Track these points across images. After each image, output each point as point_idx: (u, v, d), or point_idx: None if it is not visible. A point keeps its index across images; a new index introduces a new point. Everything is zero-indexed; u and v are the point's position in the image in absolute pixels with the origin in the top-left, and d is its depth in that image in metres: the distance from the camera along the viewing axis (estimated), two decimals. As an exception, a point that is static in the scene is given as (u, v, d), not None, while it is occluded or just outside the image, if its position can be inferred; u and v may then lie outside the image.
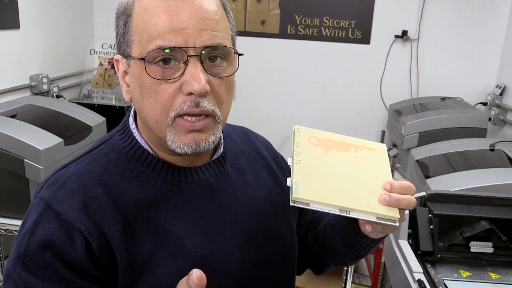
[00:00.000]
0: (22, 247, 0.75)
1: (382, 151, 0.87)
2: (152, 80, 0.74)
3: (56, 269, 0.73)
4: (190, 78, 0.73)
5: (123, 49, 0.79)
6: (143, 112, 0.78)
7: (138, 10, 0.76)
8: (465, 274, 1.51)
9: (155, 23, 0.73)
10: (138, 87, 0.77)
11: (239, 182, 0.90)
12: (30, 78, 2.90)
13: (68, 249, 0.73)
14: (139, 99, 0.78)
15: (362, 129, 3.63)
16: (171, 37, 0.72)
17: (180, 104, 0.74)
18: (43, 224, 0.75)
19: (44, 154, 2.02)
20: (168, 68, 0.74)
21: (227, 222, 0.85)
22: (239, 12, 3.59)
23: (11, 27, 2.71)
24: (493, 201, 1.64)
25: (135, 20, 0.76)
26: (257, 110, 3.76)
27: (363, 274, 2.82)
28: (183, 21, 0.73)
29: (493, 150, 2.35)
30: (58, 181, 0.79)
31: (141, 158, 0.82)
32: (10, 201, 2.08)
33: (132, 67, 0.78)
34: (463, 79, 3.48)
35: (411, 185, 0.78)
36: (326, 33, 3.55)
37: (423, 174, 2.27)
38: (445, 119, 2.86)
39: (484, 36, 3.40)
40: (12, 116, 2.28)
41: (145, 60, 0.74)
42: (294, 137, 0.84)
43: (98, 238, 0.74)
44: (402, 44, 3.49)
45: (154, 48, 0.73)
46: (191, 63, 0.74)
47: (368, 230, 0.80)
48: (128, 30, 0.77)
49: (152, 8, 0.74)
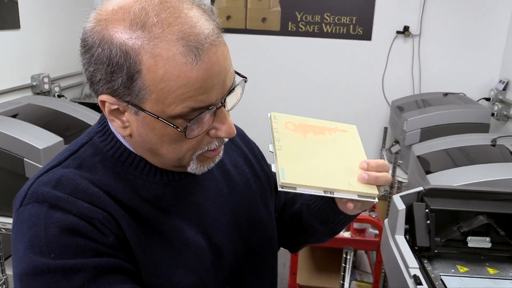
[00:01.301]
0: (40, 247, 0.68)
1: (354, 132, 0.93)
2: (181, 134, 0.72)
3: (91, 247, 0.69)
4: (223, 127, 0.75)
5: (121, 97, 0.71)
6: (159, 152, 0.77)
7: (154, 69, 0.67)
8: (463, 270, 1.49)
9: (184, 86, 0.68)
10: (155, 135, 0.74)
11: (220, 174, 0.92)
12: (31, 78, 2.92)
13: (97, 234, 0.70)
14: (154, 142, 0.75)
15: (364, 126, 3.61)
16: (204, 98, 0.70)
17: (207, 144, 0.77)
18: (56, 216, 0.69)
19: (44, 153, 2.03)
20: (194, 120, 0.72)
21: (217, 213, 0.87)
22: (239, 10, 3.59)
23: (11, 27, 2.73)
24: (491, 196, 1.62)
25: (150, 79, 0.68)
26: (258, 107, 3.75)
27: (364, 271, 2.81)
28: (213, 80, 0.70)
29: (495, 145, 2.33)
30: (48, 183, 0.74)
31: (127, 161, 0.80)
32: (10, 200, 2.07)
33: (146, 118, 0.72)
34: (465, 75, 3.46)
35: (386, 163, 0.85)
36: (327, 29, 3.54)
37: (424, 169, 2.25)
38: (447, 114, 2.84)
39: (487, 30, 3.37)
40: (13, 116, 2.30)
41: (187, 127, 0.71)
42: (272, 123, 0.87)
43: (115, 226, 0.73)
44: (403, 40, 3.47)
45: (186, 111, 0.69)
46: (219, 112, 0.74)
47: (350, 207, 0.84)
48: (137, 86, 0.69)
49: (177, 71, 0.67)
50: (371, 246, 2.60)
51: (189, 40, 0.67)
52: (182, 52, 0.67)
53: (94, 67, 0.70)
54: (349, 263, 1.70)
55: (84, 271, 0.68)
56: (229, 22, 3.63)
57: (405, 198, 1.63)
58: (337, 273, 2.18)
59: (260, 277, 0.96)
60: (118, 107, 0.73)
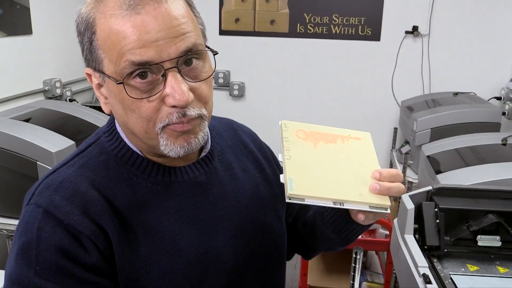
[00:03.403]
0: (30, 256, 0.72)
1: (368, 140, 0.89)
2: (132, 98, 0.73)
3: (74, 273, 0.72)
4: (172, 92, 0.72)
5: (93, 65, 0.76)
6: (129, 125, 0.77)
7: (102, 27, 0.73)
8: (473, 269, 1.49)
9: (123, 39, 0.70)
10: (119, 103, 0.76)
11: (227, 177, 0.91)
12: (44, 82, 2.97)
13: (81, 253, 0.73)
14: (122, 113, 0.77)
15: (374, 127, 3.61)
16: (142, 52, 0.70)
17: (167, 116, 0.74)
18: (47, 231, 0.73)
19: (56, 157, 2.06)
20: (146, 82, 0.72)
21: (218, 218, 0.86)
22: (248, 13, 3.61)
23: (23, 33, 2.78)
24: (501, 195, 1.61)
25: (100, 38, 0.73)
26: (267, 109, 3.77)
27: (375, 272, 2.80)
28: (152, 34, 0.70)
29: (506, 144, 2.31)
30: (51, 186, 0.77)
31: (130, 160, 0.81)
32: (22, 203, 2.13)
33: (108, 83, 0.76)
34: (476, 74, 3.44)
35: (399, 173, 0.81)
36: (336, 31, 3.55)
37: (434, 169, 2.25)
38: (458, 114, 2.82)
39: (497, 29, 3.35)
40: (26, 120, 2.34)
41: (123, 81, 0.72)
42: (282, 132, 0.84)
43: (103, 240, 0.75)
44: (413, 40, 3.47)
45: (127, 65, 0.71)
46: (169, 76, 0.72)
47: (361, 219, 0.81)
48: (95, 48, 0.74)
49: (117, 25, 0.71)
50: (381, 246, 2.59)
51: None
52: (120, 5, 0.71)
53: (79, 44, 0.78)
54: (359, 263, 1.70)
55: None
56: (238, 25, 3.65)
57: (414, 197, 1.63)
58: (348, 274, 2.19)
59: (265, 282, 0.94)
60: (99, 82, 0.78)
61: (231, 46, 3.70)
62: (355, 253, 1.69)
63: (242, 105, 3.84)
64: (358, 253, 1.69)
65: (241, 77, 3.78)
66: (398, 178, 0.80)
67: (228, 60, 3.73)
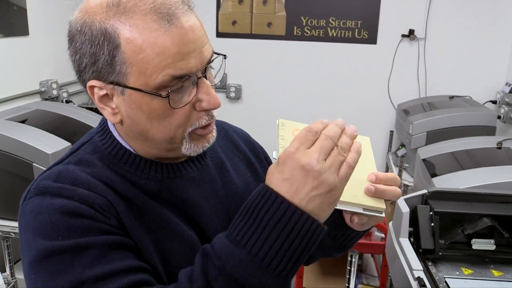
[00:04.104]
0: (48, 231, 0.70)
1: (366, 143, 0.87)
2: (166, 106, 0.74)
3: (99, 227, 0.72)
4: (207, 97, 0.76)
5: (109, 78, 0.74)
6: (150, 133, 0.78)
7: (132, 40, 0.71)
8: (467, 272, 1.50)
9: (162, 53, 0.71)
10: (144, 114, 0.75)
11: (219, 174, 0.92)
12: (40, 84, 2.96)
13: (100, 216, 0.73)
14: (144, 122, 0.77)
15: (371, 129, 3.61)
16: (183, 65, 0.72)
17: (197, 120, 0.77)
18: (59, 203, 0.71)
19: (52, 158, 2.06)
20: (180, 91, 0.74)
21: (211, 213, 0.87)
22: (245, 15, 3.61)
23: (20, 34, 2.78)
24: (495, 198, 1.62)
25: (129, 51, 0.71)
26: (264, 112, 3.77)
27: (371, 275, 2.81)
28: (189, 47, 0.72)
29: (501, 147, 2.33)
30: (49, 177, 0.77)
31: (123, 158, 0.83)
32: (19, 204, 2.12)
33: (131, 95, 0.75)
34: (471, 77, 3.45)
35: (396, 177, 0.80)
36: (333, 34, 3.56)
37: (429, 172, 2.26)
38: (453, 118, 2.84)
39: (493, 33, 3.37)
40: (22, 121, 2.34)
41: (169, 94, 0.73)
42: (279, 130, 0.83)
43: (114, 212, 0.75)
44: (409, 43, 3.48)
45: (167, 79, 0.71)
46: (201, 83, 0.75)
47: (355, 221, 0.81)
48: (119, 61, 0.72)
49: (153, 38, 0.70)
50: (377, 249, 2.59)
51: (160, 9, 0.71)
52: (155, 19, 0.71)
53: (79, 53, 0.74)
54: (354, 266, 1.71)
55: (93, 248, 0.70)
56: (235, 27, 3.66)
57: (409, 201, 1.64)
58: (343, 277, 2.19)
59: None
60: (106, 92, 0.76)
61: (228, 48, 3.69)
62: (350, 256, 1.69)
63: (239, 107, 3.84)
64: (354, 256, 1.70)
65: (238, 80, 3.79)
66: (395, 182, 0.79)
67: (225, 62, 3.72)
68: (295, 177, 0.65)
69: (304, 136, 0.68)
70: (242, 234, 0.66)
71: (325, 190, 0.65)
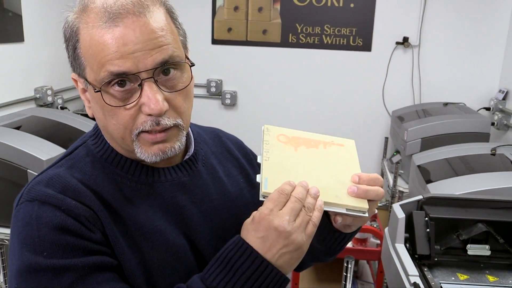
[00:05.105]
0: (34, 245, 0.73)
1: (351, 146, 0.89)
2: None
3: (83, 246, 0.73)
4: (148, 101, 0.75)
5: (77, 71, 0.80)
6: (108, 129, 0.80)
7: (84, 37, 0.76)
8: (463, 277, 1.50)
9: (102, 50, 0.74)
10: (99, 109, 0.79)
11: (211, 180, 0.92)
12: (35, 90, 2.96)
13: (85, 231, 0.75)
14: (102, 118, 0.80)
15: (365, 136, 3.63)
16: (120, 63, 0.73)
17: (142, 124, 0.77)
18: (46, 216, 0.74)
19: (47, 165, 2.04)
20: (124, 91, 0.75)
21: (201, 218, 0.87)
22: (240, 22, 3.63)
23: (15, 40, 2.77)
24: (490, 204, 1.63)
25: (83, 47, 0.77)
26: (260, 118, 3.78)
27: (367, 281, 2.81)
28: (130, 47, 0.73)
29: (495, 154, 2.34)
30: (41, 182, 0.79)
31: (114, 161, 0.84)
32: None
33: (90, 89, 0.78)
34: (465, 84, 3.48)
35: (379, 177, 0.82)
36: (327, 41, 3.58)
37: (424, 179, 2.27)
38: (448, 124, 2.85)
39: (486, 41, 3.40)
40: (17, 128, 2.33)
41: (101, 89, 0.75)
42: (264, 135, 0.86)
43: (100, 225, 0.77)
44: (403, 50, 3.50)
45: (106, 75, 0.74)
46: (146, 86, 0.75)
47: (338, 221, 0.83)
48: (78, 56, 0.78)
49: (97, 36, 0.74)
50: (372, 255, 2.60)
51: (110, 7, 0.74)
52: (101, 17, 0.74)
53: (65, 50, 0.81)
54: (350, 272, 1.71)
55: (73, 270, 0.72)
56: (230, 34, 3.67)
57: (404, 206, 1.64)
58: (339, 283, 2.19)
59: None
60: (83, 87, 0.81)
61: (223, 55, 3.71)
62: (346, 262, 1.69)
63: (234, 114, 3.85)
64: (349, 262, 1.70)
65: (233, 86, 3.80)
66: (377, 182, 0.81)
67: (221, 69, 3.75)
68: (269, 237, 0.73)
69: (277, 199, 0.74)
70: (218, 281, 0.73)
71: (294, 248, 0.73)
